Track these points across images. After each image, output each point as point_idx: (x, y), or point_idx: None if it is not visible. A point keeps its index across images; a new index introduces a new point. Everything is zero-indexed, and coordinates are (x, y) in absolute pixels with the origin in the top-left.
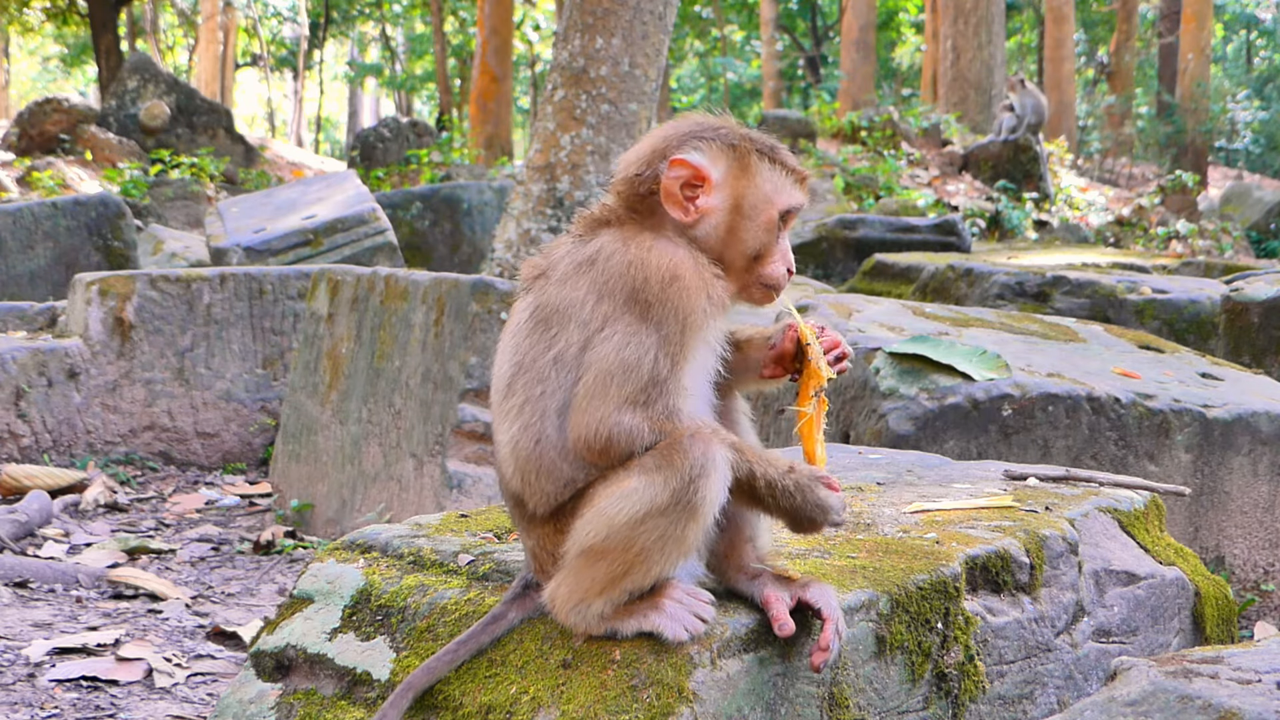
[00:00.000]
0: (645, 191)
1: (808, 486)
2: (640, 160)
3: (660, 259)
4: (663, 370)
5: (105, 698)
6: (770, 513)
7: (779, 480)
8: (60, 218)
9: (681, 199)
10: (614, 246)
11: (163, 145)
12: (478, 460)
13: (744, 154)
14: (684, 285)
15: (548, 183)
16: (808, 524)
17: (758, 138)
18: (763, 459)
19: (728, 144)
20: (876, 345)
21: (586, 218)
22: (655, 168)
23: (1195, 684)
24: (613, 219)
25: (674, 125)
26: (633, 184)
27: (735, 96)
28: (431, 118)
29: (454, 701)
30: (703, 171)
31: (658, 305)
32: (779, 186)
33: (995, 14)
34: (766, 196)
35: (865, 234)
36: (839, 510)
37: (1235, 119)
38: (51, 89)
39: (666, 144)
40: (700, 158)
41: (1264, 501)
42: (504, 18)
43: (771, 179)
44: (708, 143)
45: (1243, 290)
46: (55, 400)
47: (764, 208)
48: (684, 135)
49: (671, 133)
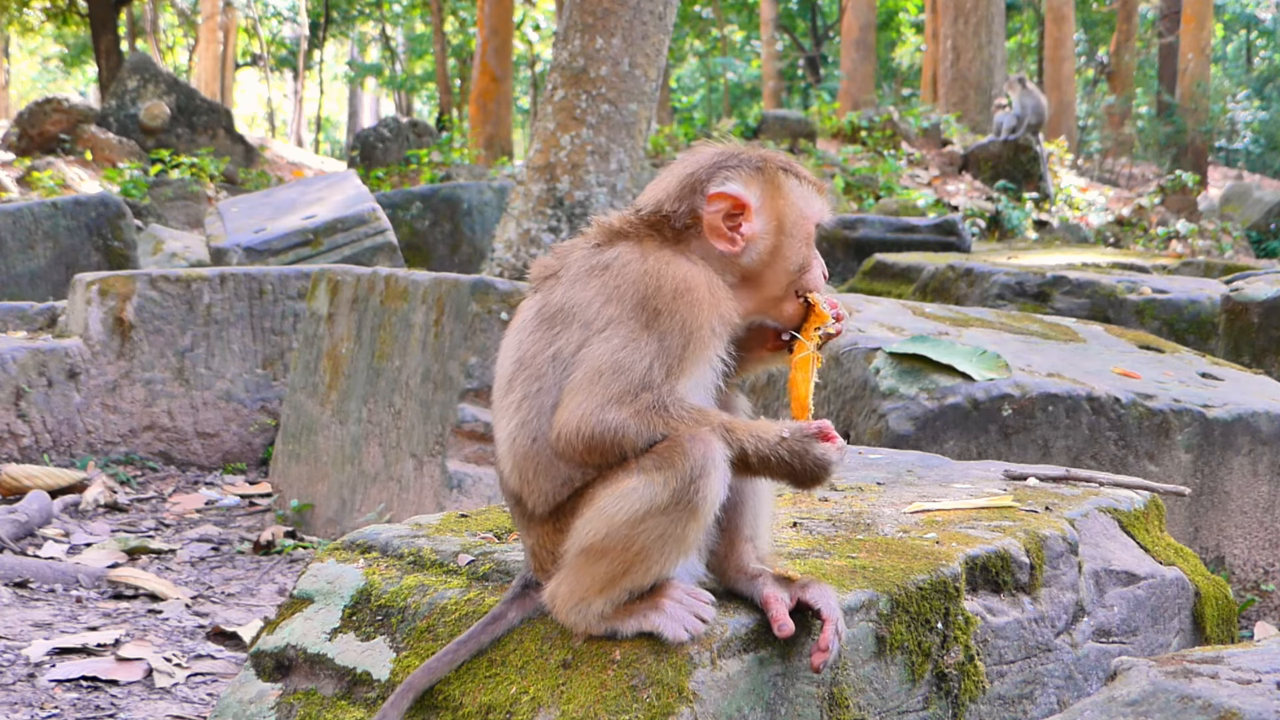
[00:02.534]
0: (680, 227)
1: (803, 450)
2: (672, 196)
3: (676, 272)
4: (656, 377)
5: (105, 698)
6: (773, 479)
7: (772, 453)
8: (60, 218)
9: (726, 231)
10: (631, 256)
11: (163, 145)
12: (478, 460)
13: (771, 174)
14: (695, 299)
15: (548, 183)
16: (810, 482)
17: (774, 155)
18: (753, 434)
19: (754, 168)
20: (876, 345)
21: (605, 228)
22: (691, 203)
23: (1195, 684)
24: (632, 233)
25: (694, 158)
26: (666, 220)
27: (735, 96)
28: (431, 118)
29: (454, 701)
30: (743, 200)
31: (665, 315)
32: (808, 200)
33: (995, 14)
34: (801, 212)
35: (865, 234)
36: (838, 461)
37: (1235, 119)
38: (51, 89)
39: (695, 178)
40: (737, 187)
41: (1264, 501)
42: (504, 18)
43: (801, 194)
44: (736, 170)
45: (1243, 290)
46: (55, 400)
47: (802, 223)
48: (711, 166)
49: (696, 167)
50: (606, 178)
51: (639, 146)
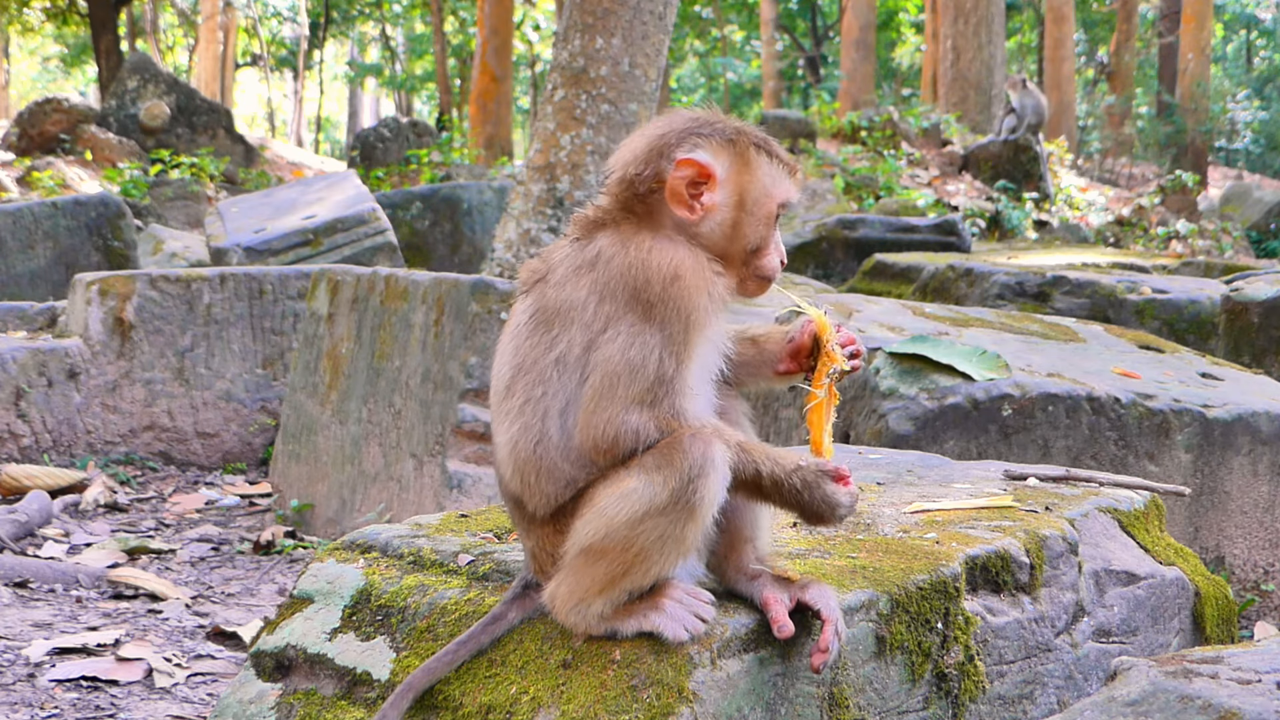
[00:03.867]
0: (645, 191)
1: (814, 484)
2: (638, 159)
3: (661, 259)
4: (668, 369)
5: (105, 698)
6: (780, 508)
7: (785, 478)
8: (60, 218)
9: (687, 198)
10: (613, 249)
11: (163, 145)
12: (478, 460)
13: (743, 148)
14: (685, 284)
15: (548, 183)
16: (816, 519)
17: (750, 130)
18: (769, 457)
19: (726, 139)
20: (876, 345)
21: (582, 220)
22: (656, 166)
23: (1195, 684)
24: (608, 220)
25: (666, 122)
26: (631, 184)
27: (735, 96)
28: (431, 118)
29: (454, 701)
30: (709, 169)
31: (660, 305)
32: (776, 179)
33: (995, 14)
34: (766, 190)
35: (865, 234)
36: (848, 505)
37: (1235, 119)
38: (51, 89)
39: (665, 142)
40: (705, 155)
41: (1264, 501)
42: (504, 18)
43: (770, 172)
44: (707, 139)
45: (1243, 290)
46: (55, 400)
47: (764, 201)
48: (681, 132)
49: (667, 130)
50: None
51: None
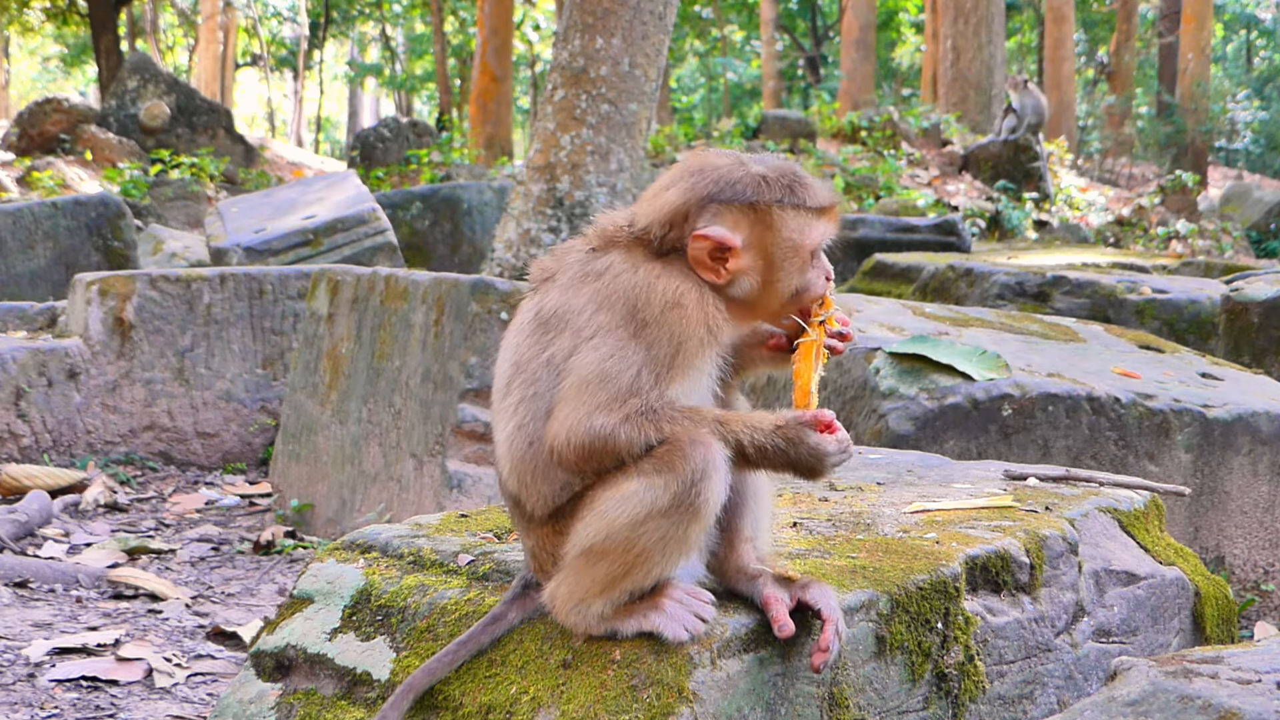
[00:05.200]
0: (669, 249)
1: (797, 438)
2: (661, 221)
3: (667, 285)
4: (644, 384)
5: (105, 698)
6: (773, 471)
7: (768, 440)
8: (60, 218)
9: (711, 264)
10: (623, 266)
11: (163, 145)
12: (478, 460)
13: (764, 211)
14: (685, 313)
15: (548, 183)
16: (809, 473)
17: (775, 181)
18: (748, 426)
19: (747, 204)
20: (876, 345)
21: (602, 232)
22: (680, 231)
23: (1195, 684)
24: (626, 241)
25: (691, 181)
26: (657, 240)
27: (735, 96)
28: (431, 118)
29: (454, 702)
30: (727, 242)
31: (654, 326)
32: (805, 229)
33: (995, 14)
34: (794, 245)
35: (865, 234)
36: (836, 452)
37: (1235, 119)
38: (51, 89)
39: (687, 206)
40: (721, 230)
41: (1264, 501)
42: (504, 18)
43: (797, 225)
44: (726, 206)
45: (1243, 290)
46: (55, 400)
47: (794, 254)
48: (702, 200)
49: (689, 197)
50: (606, 178)
51: (639, 146)
